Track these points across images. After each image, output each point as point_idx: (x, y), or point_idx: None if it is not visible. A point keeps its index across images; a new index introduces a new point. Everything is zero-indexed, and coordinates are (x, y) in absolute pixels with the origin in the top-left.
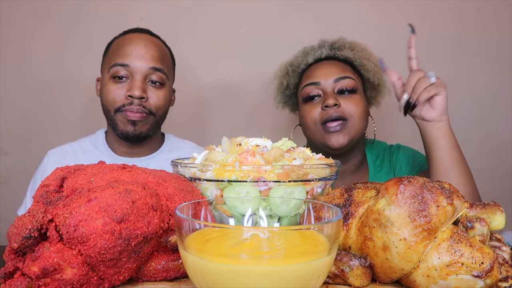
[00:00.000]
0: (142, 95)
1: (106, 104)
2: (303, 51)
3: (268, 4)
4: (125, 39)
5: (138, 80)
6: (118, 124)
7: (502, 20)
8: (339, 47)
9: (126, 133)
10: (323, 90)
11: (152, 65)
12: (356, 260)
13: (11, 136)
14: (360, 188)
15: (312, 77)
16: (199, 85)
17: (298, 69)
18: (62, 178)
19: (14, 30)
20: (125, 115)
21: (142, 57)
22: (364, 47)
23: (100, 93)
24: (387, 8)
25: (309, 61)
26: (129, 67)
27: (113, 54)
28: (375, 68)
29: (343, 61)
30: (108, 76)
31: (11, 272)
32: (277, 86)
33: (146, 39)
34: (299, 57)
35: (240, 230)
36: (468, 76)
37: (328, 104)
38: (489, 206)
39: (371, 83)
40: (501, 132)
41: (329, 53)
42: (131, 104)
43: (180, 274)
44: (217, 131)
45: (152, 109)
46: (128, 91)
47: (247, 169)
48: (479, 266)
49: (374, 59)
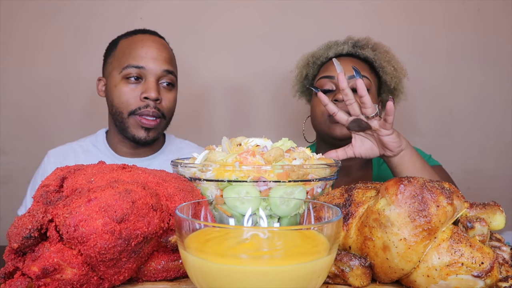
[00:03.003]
0: (158, 97)
1: (118, 106)
2: (326, 45)
3: (268, 4)
4: (135, 40)
5: (153, 82)
6: (129, 127)
7: (502, 20)
8: (361, 46)
9: (137, 138)
10: (336, 85)
11: (165, 67)
12: (356, 260)
13: (11, 136)
14: (360, 188)
15: (328, 71)
16: (199, 85)
17: (318, 61)
18: (62, 178)
19: (14, 31)
20: (139, 120)
21: (156, 60)
22: (387, 50)
23: (108, 94)
24: (387, 8)
25: (330, 55)
26: (144, 69)
27: (123, 55)
28: (394, 72)
29: (363, 60)
30: (120, 77)
31: (11, 272)
32: (297, 75)
33: (158, 41)
34: (321, 49)
35: (240, 230)
36: (468, 76)
37: (338, 99)
38: (489, 206)
39: (388, 85)
40: (501, 133)
41: (351, 50)
42: (147, 106)
43: (180, 274)
44: (218, 131)
45: (165, 112)
46: (144, 92)
47: (247, 169)
48: (479, 266)
49: (395, 63)
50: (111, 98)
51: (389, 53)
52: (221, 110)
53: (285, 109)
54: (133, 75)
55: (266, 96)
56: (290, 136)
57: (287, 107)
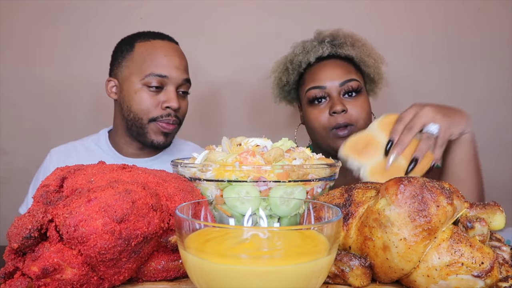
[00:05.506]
0: (179, 107)
1: (137, 112)
2: (303, 48)
3: (268, 3)
4: (156, 46)
5: (173, 92)
6: (149, 132)
7: (502, 20)
8: (340, 45)
9: (156, 143)
10: (328, 93)
11: (185, 76)
12: (356, 260)
13: (11, 136)
14: (360, 188)
15: (316, 80)
16: (199, 85)
17: (299, 68)
18: (62, 178)
19: (14, 31)
20: (160, 126)
21: (178, 69)
22: (364, 43)
23: (125, 98)
24: (387, 8)
25: (311, 60)
26: (167, 78)
27: (144, 62)
28: (375, 64)
29: (344, 59)
30: (141, 83)
31: (11, 272)
32: (276, 81)
33: (178, 49)
34: (299, 55)
35: (240, 230)
36: (469, 77)
37: (336, 111)
38: (489, 206)
39: (370, 77)
40: (501, 133)
41: (331, 51)
42: (168, 115)
43: (180, 274)
44: (218, 131)
45: (181, 118)
46: (166, 102)
47: (247, 169)
48: (479, 266)
49: (374, 55)
50: (129, 104)
51: (367, 46)
52: (221, 110)
53: (285, 110)
54: (155, 83)
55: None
56: (292, 135)
57: (286, 107)
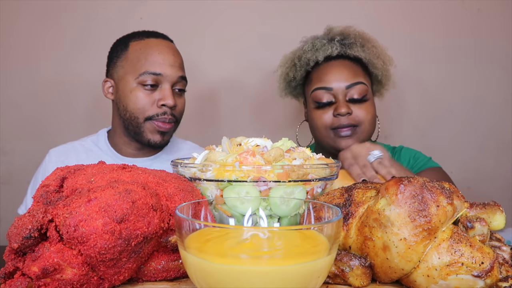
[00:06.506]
0: (175, 104)
1: (133, 111)
2: (312, 45)
3: (267, 3)
4: (150, 45)
5: (169, 89)
6: (145, 132)
7: (502, 21)
8: (349, 45)
9: (153, 142)
10: (335, 96)
11: (181, 74)
12: (356, 260)
13: (11, 136)
14: (360, 188)
15: (323, 81)
16: (199, 85)
17: (307, 66)
18: (62, 178)
19: (14, 31)
20: (156, 125)
21: (173, 66)
22: (374, 44)
23: (121, 98)
24: (387, 8)
25: (319, 59)
26: (161, 76)
27: (138, 60)
28: (383, 66)
29: (353, 59)
30: (135, 82)
31: (11, 272)
32: (283, 76)
33: (172, 47)
34: (308, 52)
35: (240, 230)
36: (468, 76)
37: (341, 113)
38: (489, 206)
39: (378, 78)
40: (500, 133)
41: (340, 51)
42: (164, 114)
43: (180, 274)
44: (218, 131)
45: (178, 117)
46: (161, 100)
47: (247, 169)
48: (479, 266)
49: (383, 56)
50: (125, 103)
51: (376, 47)
52: (221, 110)
53: (285, 109)
54: (150, 82)
55: (268, 96)
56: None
57: (286, 107)
